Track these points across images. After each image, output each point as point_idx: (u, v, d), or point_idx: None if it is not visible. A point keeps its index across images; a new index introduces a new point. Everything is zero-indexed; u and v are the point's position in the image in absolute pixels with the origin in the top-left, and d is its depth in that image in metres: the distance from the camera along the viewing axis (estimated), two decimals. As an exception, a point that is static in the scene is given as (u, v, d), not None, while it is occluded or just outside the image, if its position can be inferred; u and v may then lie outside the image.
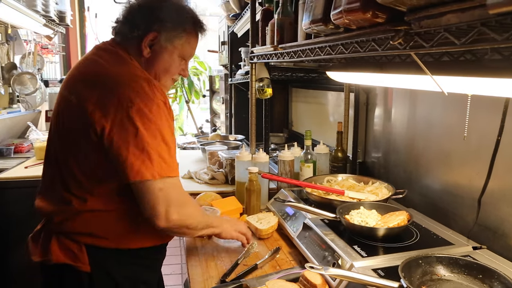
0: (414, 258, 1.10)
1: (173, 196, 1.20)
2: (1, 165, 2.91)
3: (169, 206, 1.19)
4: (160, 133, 1.18)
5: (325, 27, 1.05)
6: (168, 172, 1.18)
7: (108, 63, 1.28)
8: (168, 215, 1.19)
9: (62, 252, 1.25)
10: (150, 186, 1.16)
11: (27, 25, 3.24)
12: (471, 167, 1.43)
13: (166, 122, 1.20)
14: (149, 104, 1.17)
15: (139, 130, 1.14)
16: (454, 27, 0.63)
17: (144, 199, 1.18)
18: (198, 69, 6.53)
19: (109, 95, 1.17)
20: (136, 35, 1.30)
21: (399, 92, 1.90)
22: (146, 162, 1.15)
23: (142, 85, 1.19)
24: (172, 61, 1.35)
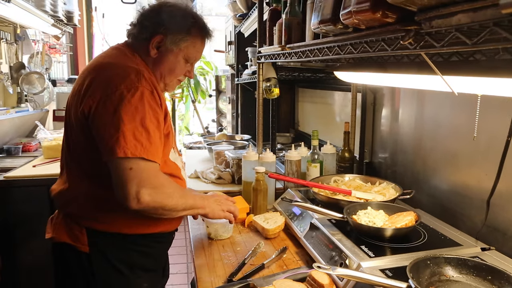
0: (423, 258, 1.09)
1: (145, 177, 1.20)
2: (9, 163, 2.93)
3: (140, 187, 1.19)
4: (139, 117, 1.22)
5: (334, 27, 1.05)
6: (143, 153, 1.20)
7: (109, 57, 1.40)
8: (139, 196, 1.19)
9: (65, 232, 1.35)
10: (120, 164, 1.19)
11: (35, 25, 3.27)
12: (480, 168, 1.42)
13: (149, 109, 1.24)
14: (132, 91, 1.23)
15: (117, 111, 1.20)
16: (465, 27, 0.63)
17: (115, 179, 1.21)
18: (205, 69, 6.55)
19: (99, 80, 1.28)
20: (145, 37, 1.40)
21: (407, 92, 1.89)
22: (120, 140, 1.19)
23: (129, 73, 1.27)
24: (177, 63, 1.43)
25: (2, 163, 2.93)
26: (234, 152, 2.46)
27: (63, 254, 1.38)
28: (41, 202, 2.54)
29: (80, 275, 1.35)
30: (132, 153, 1.18)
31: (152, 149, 1.23)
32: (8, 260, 2.51)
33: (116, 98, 1.22)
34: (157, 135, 1.26)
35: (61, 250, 1.38)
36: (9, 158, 3.14)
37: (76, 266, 1.35)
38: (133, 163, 1.19)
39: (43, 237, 1.46)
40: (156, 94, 1.30)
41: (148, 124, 1.23)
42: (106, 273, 1.35)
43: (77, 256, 1.34)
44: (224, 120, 5.03)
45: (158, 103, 1.29)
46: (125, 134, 1.19)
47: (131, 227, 1.36)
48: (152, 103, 1.26)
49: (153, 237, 1.43)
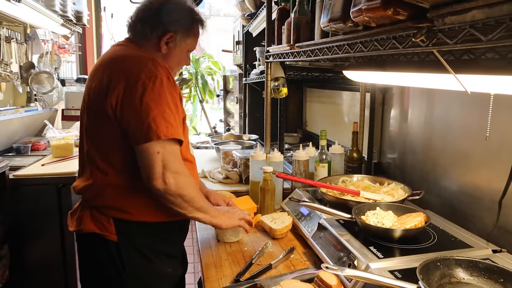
0: (433, 260, 1.08)
1: (170, 160, 1.29)
2: (18, 162, 2.95)
3: (166, 169, 1.28)
4: (164, 102, 1.30)
5: (344, 25, 1.04)
6: (174, 133, 1.29)
7: (120, 51, 1.47)
8: (165, 177, 1.28)
9: (93, 223, 1.41)
10: (149, 148, 1.28)
11: (45, 24, 3.29)
12: (491, 169, 1.40)
13: (169, 95, 1.32)
14: (153, 79, 1.30)
15: (143, 100, 1.28)
16: (480, 23, 0.61)
17: (144, 161, 1.29)
18: (212, 69, 6.55)
19: (118, 73, 1.34)
20: (156, 34, 1.47)
21: (416, 92, 1.87)
22: (152, 125, 1.27)
23: (146, 63, 1.34)
24: (183, 56, 1.56)
25: (11, 162, 2.94)
26: (241, 152, 2.46)
27: (91, 243, 1.44)
28: (49, 200, 2.56)
29: (109, 263, 1.40)
30: (164, 134, 1.27)
31: (179, 129, 1.33)
32: (17, 258, 2.53)
33: (140, 87, 1.29)
34: (178, 117, 1.35)
35: (89, 240, 1.44)
36: (18, 157, 3.16)
37: (105, 254, 1.40)
38: (161, 147, 1.28)
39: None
40: (172, 80, 1.38)
41: (172, 106, 1.32)
42: (133, 259, 1.41)
43: (106, 245, 1.40)
44: (231, 120, 5.02)
45: (175, 87, 1.37)
46: (155, 118, 1.27)
47: (154, 216, 1.42)
48: (170, 88, 1.34)
49: (173, 225, 1.49)
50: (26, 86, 3.66)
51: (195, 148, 3.98)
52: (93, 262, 1.47)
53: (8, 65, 3.25)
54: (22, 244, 2.56)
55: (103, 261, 1.41)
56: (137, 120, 1.29)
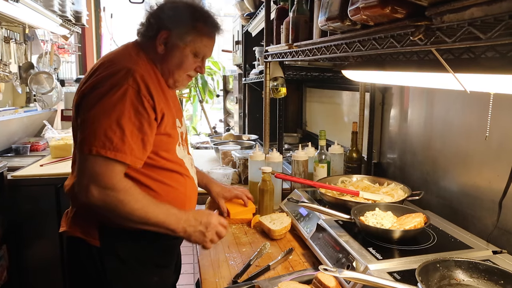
0: (432, 261, 1.07)
1: (99, 173, 1.20)
2: (17, 163, 2.95)
3: (92, 182, 1.20)
4: (116, 115, 1.21)
5: (341, 23, 1.03)
6: (110, 151, 1.20)
7: (112, 55, 1.40)
8: (88, 190, 1.20)
9: (77, 226, 1.36)
10: (83, 157, 1.23)
11: (44, 25, 3.28)
12: (492, 169, 1.39)
13: (130, 109, 1.23)
14: (116, 88, 1.23)
15: (95, 107, 1.22)
16: (479, 21, 0.60)
17: (77, 170, 1.25)
18: (212, 69, 6.54)
19: (93, 75, 1.30)
20: (151, 34, 1.40)
21: (416, 92, 1.86)
22: (90, 136, 1.21)
23: (119, 70, 1.27)
24: (184, 58, 1.41)
25: (10, 163, 2.94)
26: (240, 152, 2.44)
27: (76, 248, 1.39)
28: (48, 201, 2.55)
29: (91, 269, 1.36)
30: (97, 150, 1.19)
31: (124, 148, 1.22)
32: (15, 259, 2.52)
33: (98, 94, 1.23)
34: (136, 136, 1.25)
35: (74, 244, 1.39)
36: (17, 158, 3.16)
37: (87, 259, 1.35)
38: (94, 160, 1.21)
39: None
40: (146, 95, 1.27)
41: (125, 123, 1.22)
42: (116, 267, 1.35)
43: (88, 250, 1.34)
44: (231, 120, 5.01)
45: (145, 104, 1.26)
46: (96, 131, 1.21)
47: None
48: (136, 103, 1.25)
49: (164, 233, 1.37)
50: (25, 87, 3.65)
51: (195, 148, 3.97)
52: (76, 266, 1.42)
53: (7, 66, 3.24)
54: (20, 244, 2.55)
55: (86, 266, 1.37)
56: (81, 125, 1.25)
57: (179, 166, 1.43)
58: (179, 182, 1.43)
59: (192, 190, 1.50)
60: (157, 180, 1.36)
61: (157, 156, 1.36)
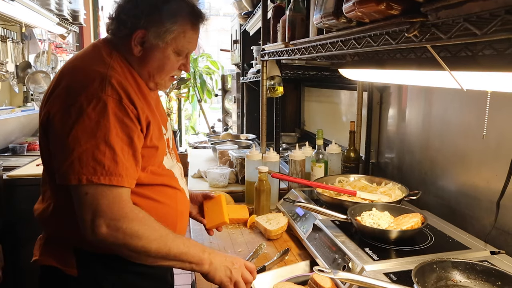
0: (428, 262, 1.05)
1: (102, 204, 1.03)
2: (14, 162, 2.93)
3: (96, 216, 1.02)
4: (102, 133, 1.04)
5: (337, 21, 1.01)
6: (104, 176, 1.02)
7: (80, 58, 1.22)
8: (94, 227, 1.01)
9: (50, 254, 1.18)
10: (76, 190, 1.04)
11: (40, 24, 3.26)
12: (490, 168, 1.37)
13: (115, 123, 1.06)
14: (94, 102, 1.05)
15: (74, 129, 1.03)
16: (474, 16, 0.59)
17: (75, 205, 1.05)
18: (211, 69, 6.53)
19: (62, 86, 1.11)
20: (124, 33, 1.17)
21: (414, 91, 1.85)
22: (74, 164, 1.02)
23: (93, 80, 1.08)
24: (165, 59, 1.21)
25: (6, 162, 2.93)
26: (237, 152, 2.43)
27: (50, 278, 1.20)
28: (44, 201, 2.53)
29: None
30: (87, 179, 1.01)
31: (119, 169, 1.04)
32: (11, 259, 2.51)
33: (75, 112, 1.04)
34: (127, 152, 1.08)
35: (47, 274, 1.20)
36: (14, 157, 3.15)
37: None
38: (89, 188, 1.02)
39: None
40: (128, 104, 1.09)
41: (114, 141, 1.05)
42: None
43: (64, 281, 1.16)
44: (230, 119, 5.00)
45: (129, 114, 1.09)
46: (81, 156, 1.02)
47: None
48: (120, 114, 1.07)
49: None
50: (23, 86, 3.63)
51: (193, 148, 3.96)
52: None
53: (4, 65, 3.23)
54: (16, 245, 2.53)
55: None
56: (59, 152, 1.05)
57: (168, 178, 1.27)
58: (169, 197, 1.26)
59: (184, 204, 1.33)
60: (145, 196, 1.18)
61: (144, 172, 1.17)
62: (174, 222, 1.27)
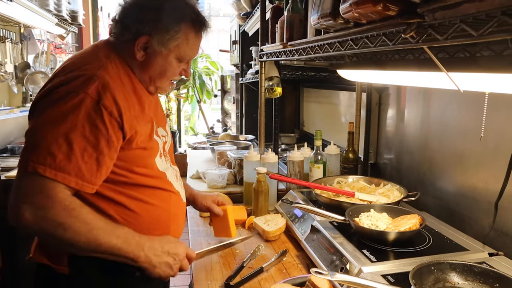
0: (426, 264, 1.05)
1: (32, 192, 1.01)
2: (12, 163, 2.92)
3: (22, 201, 1.00)
4: (66, 128, 1.03)
5: (334, 21, 1.01)
6: (49, 169, 1.01)
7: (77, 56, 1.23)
8: (17, 211, 1.00)
9: (43, 251, 1.18)
10: (18, 173, 1.05)
11: (39, 24, 3.26)
12: (488, 169, 1.37)
13: (84, 122, 1.05)
14: (70, 96, 1.05)
15: (43, 116, 1.05)
16: (471, 17, 0.58)
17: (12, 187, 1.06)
18: (210, 69, 6.52)
19: (50, 82, 1.13)
20: (128, 38, 1.19)
21: (413, 92, 1.84)
22: (28, 149, 1.04)
23: (79, 76, 1.09)
24: (167, 65, 1.23)
25: (4, 163, 2.92)
26: (236, 153, 2.43)
27: (42, 276, 1.21)
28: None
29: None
30: (33, 167, 1.00)
31: (69, 168, 1.02)
32: (8, 260, 2.50)
33: (50, 100, 1.06)
34: (89, 154, 1.06)
35: (40, 271, 1.21)
36: (13, 158, 3.14)
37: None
38: (29, 178, 1.01)
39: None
40: (108, 106, 1.08)
41: (75, 138, 1.03)
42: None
43: (55, 278, 1.17)
44: (229, 120, 5.00)
45: (105, 117, 1.07)
46: (37, 144, 1.03)
47: None
48: (93, 115, 1.06)
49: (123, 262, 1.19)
50: (22, 87, 3.63)
51: (192, 148, 3.95)
52: None
53: (3, 65, 3.22)
54: (14, 246, 2.52)
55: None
56: (25, 135, 1.07)
57: (160, 181, 1.25)
58: (162, 199, 1.25)
59: (178, 206, 1.32)
60: (135, 198, 1.18)
61: (131, 173, 1.17)
62: (167, 224, 1.28)
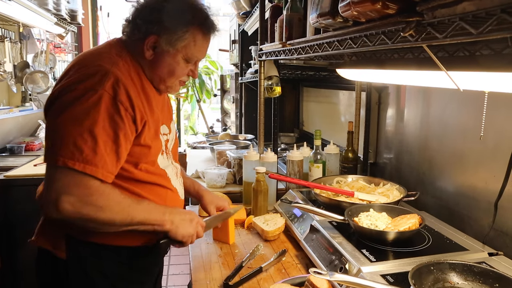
0: (426, 264, 1.04)
1: (70, 183, 1.07)
2: (12, 163, 2.92)
3: (61, 193, 1.06)
4: (89, 123, 1.09)
5: (333, 20, 1.01)
6: (78, 163, 1.07)
7: (90, 53, 1.28)
8: (58, 203, 1.05)
9: (45, 236, 1.26)
10: (49, 169, 1.09)
11: (38, 23, 3.25)
12: (488, 169, 1.36)
13: (105, 117, 1.11)
14: (89, 93, 1.11)
15: (64, 113, 1.10)
16: (470, 15, 0.58)
17: (44, 183, 1.11)
18: (210, 69, 6.51)
19: (66, 76, 1.18)
20: (138, 37, 1.25)
21: (412, 91, 1.84)
22: (56, 146, 1.09)
23: (94, 73, 1.14)
24: (176, 64, 1.28)
25: (3, 162, 2.92)
26: (235, 152, 2.42)
27: (43, 260, 1.28)
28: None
29: (56, 282, 1.26)
30: (63, 162, 1.06)
31: (95, 160, 1.09)
32: (8, 260, 2.50)
33: (69, 98, 1.11)
34: (110, 146, 1.12)
35: (41, 255, 1.28)
36: (12, 157, 3.13)
37: (53, 272, 1.25)
38: (62, 170, 1.07)
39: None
40: (123, 102, 1.14)
41: (98, 133, 1.10)
42: (81, 282, 1.23)
43: (55, 262, 1.23)
44: (228, 120, 4.99)
45: (121, 112, 1.14)
46: (64, 139, 1.08)
47: (111, 239, 1.23)
48: (111, 110, 1.12)
49: (139, 250, 1.30)
50: (21, 86, 3.62)
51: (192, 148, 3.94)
52: (42, 279, 1.31)
53: (2, 64, 3.22)
54: (13, 245, 2.52)
55: (52, 280, 1.27)
56: (47, 133, 1.13)
57: (159, 178, 1.31)
58: (158, 195, 1.30)
59: (173, 203, 1.36)
60: (134, 193, 1.23)
61: (136, 168, 1.23)
62: None
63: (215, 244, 1.62)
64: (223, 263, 1.45)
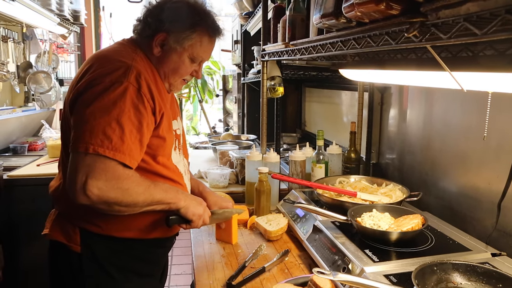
0: (429, 264, 1.04)
1: (99, 168, 1.12)
2: (14, 162, 2.93)
3: (90, 177, 1.10)
4: (116, 113, 1.15)
5: (336, 21, 1.01)
6: (109, 149, 1.12)
7: (108, 50, 1.35)
8: (86, 188, 1.09)
9: (60, 230, 1.31)
10: (79, 156, 1.13)
11: (41, 24, 3.26)
12: (491, 169, 1.36)
13: (130, 107, 1.18)
14: (115, 85, 1.17)
15: (93, 104, 1.16)
16: (474, 16, 0.58)
17: (69, 170, 1.14)
18: (212, 69, 6.53)
19: (88, 73, 1.24)
20: (148, 34, 1.34)
21: (415, 91, 1.84)
22: (85, 134, 1.13)
23: (119, 67, 1.21)
24: (181, 62, 1.35)
25: (7, 162, 2.93)
26: (238, 152, 2.43)
27: (56, 253, 1.34)
28: (44, 201, 2.49)
29: (70, 275, 1.31)
30: (94, 149, 1.12)
31: (123, 148, 1.15)
32: (11, 259, 2.50)
33: (97, 90, 1.17)
34: (135, 135, 1.18)
35: (54, 248, 1.34)
36: (15, 157, 3.14)
37: (67, 265, 1.30)
38: (93, 156, 1.12)
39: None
40: (146, 93, 1.22)
41: (125, 122, 1.16)
42: (95, 275, 1.29)
43: (68, 256, 1.29)
44: (231, 120, 4.99)
45: (145, 103, 1.21)
46: (93, 129, 1.13)
47: (124, 232, 1.30)
48: (136, 101, 1.19)
49: (150, 243, 1.37)
50: (24, 86, 3.63)
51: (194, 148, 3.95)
52: (56, 272, 1.37)
53: (5, 65, 3.23)
54: (16, 245, 2.53)
55: (66, 272, 1.32)
56: (76, 123, 1.18)
57: (172, 173, 1.37)
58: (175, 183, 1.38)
59: None
60: None
61: (154, 160, 1.30)
62: None
63: (218, 244, 1.62)
64: (226, 263, 1.45)
